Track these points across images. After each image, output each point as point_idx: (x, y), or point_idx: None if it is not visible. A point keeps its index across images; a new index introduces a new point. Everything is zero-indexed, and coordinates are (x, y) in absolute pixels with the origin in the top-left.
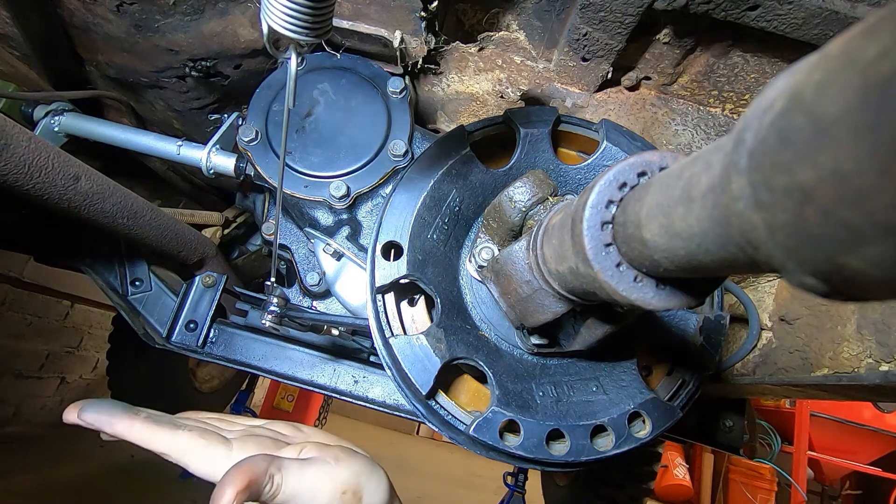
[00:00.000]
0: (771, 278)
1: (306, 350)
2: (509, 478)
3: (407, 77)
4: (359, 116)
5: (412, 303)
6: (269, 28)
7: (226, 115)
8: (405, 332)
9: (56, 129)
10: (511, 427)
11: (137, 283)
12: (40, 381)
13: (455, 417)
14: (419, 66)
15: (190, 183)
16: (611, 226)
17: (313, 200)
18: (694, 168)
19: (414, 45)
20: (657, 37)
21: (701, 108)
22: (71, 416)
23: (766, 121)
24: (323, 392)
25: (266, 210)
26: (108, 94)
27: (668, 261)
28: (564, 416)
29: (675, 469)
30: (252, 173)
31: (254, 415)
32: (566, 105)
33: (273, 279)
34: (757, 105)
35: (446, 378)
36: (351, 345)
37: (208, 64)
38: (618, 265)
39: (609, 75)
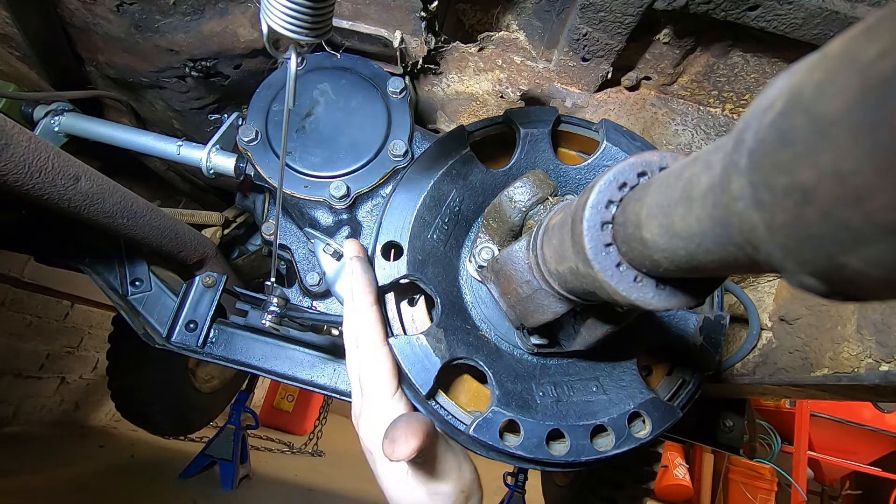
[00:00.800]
0: (771, 278)
1: (306, 350)
2: (509, 478)
3: (407, 77)
4: (359, 116)
5: (412, 303)
6: (269, 28)
7: (226, 115)
8: (405, 332)
9: (56, 129)
10: (511, 427)
11: (137, 283)
12: (40, 381)
13: (455, 417)
14: (419, 66)
15: (190, 183)
16: (611, 226)
17: (313, 200)
18: (694, 168)
19: (414, 45)
20: (657, 37)
21: (701, 108)
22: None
23: (766, 121)
24: (323, 392)
25: (266, 210)
26: (108, 94)
27: (668, 261)
28: (564, 416)
29: (675, 469)
30: (252, 173)
31: (254, 415)
32: (566, 105)
33: (273, 279)
34: (757, 105)
35: (446, 378)
36: None
37: (208, 64)
38: (618, 265)
39: (609, 75)
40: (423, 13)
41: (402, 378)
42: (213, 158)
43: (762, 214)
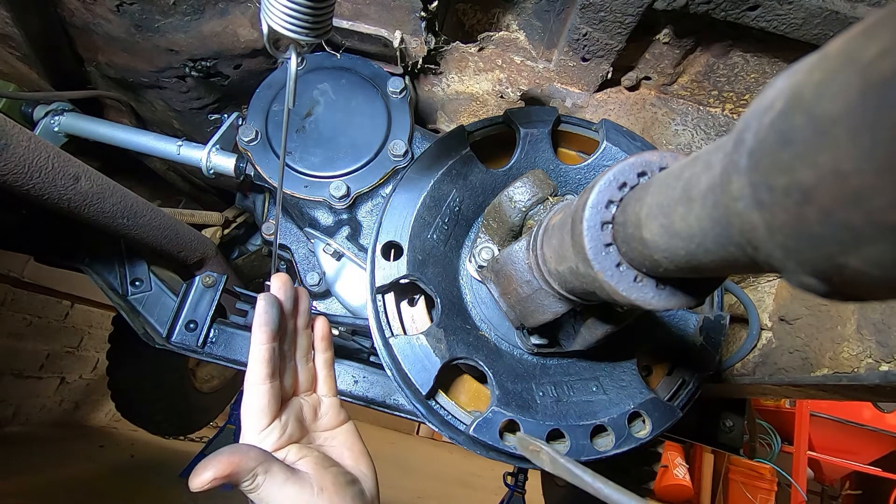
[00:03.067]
0: (771, 278)
1: None
2: (509, 478)
3: (407, 77)
4: (359, 116)
5: (412, 303)
6: (269, 28)
7: (226, 115)
8: (405, 332)
9: (56, 129)
10: (511, 427)
11: (137, 283)
12: (40, 381)
13: (455, 417)
14: (419, 66)
15: (190, 183)
16: (611, 226)
17: (313, 200)
18: (694, 168)
19: (414, 45)
20: (657, 37)
21: (701, 108)
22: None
23: (766, 121)
24: None
25: (266, 210)
26: (108, 94)
27: (668, 261)
28: (564, 416)
29: (675, 469)
30: (252, 173)
31: None
32: (566, 105)
33: None
34: (757, 105)
35: (446, 378)
36: (351, 345)
37: (208, 64)
38: (618, 265)
39: (609, 75)
40: (423, 13)
41: (402, 378)
42: (213, 158)
43: (762, 214)
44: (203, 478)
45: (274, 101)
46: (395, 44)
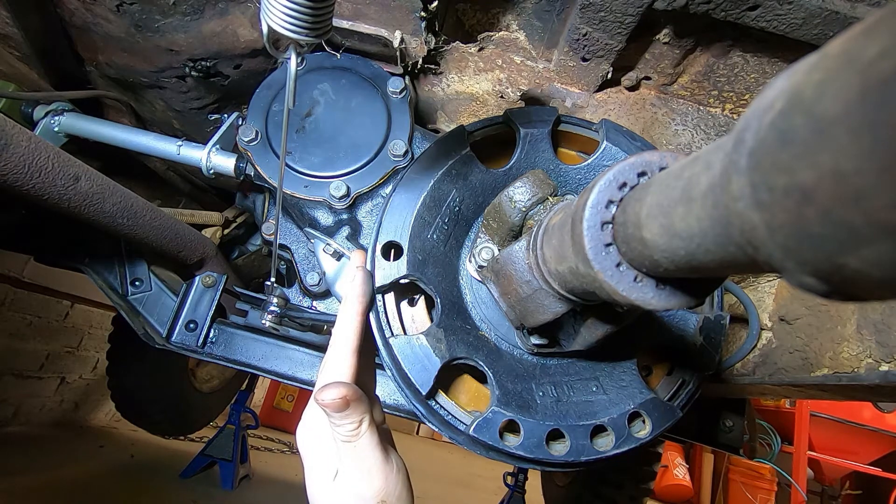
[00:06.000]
0: (771, 278)
1: (306, 350)
2: (509, 478)
3: (407, 77)
4: (359, 116)
5: (412, 303)
6: (269, 28)
7: (226, 115)
8: (405, 332)
9: (56, 129)
10: (511, 427)
11: (137, 283)
12: (40, 381)
13: (455, 417)
14: (419, 66)
15: (190, 183)
16: (611, 226)
17: (313, 200)
18: (694, 168)
19: (414, 45)
20: (657, 37)
21: (701, 108)
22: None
23: (765, 121)
24: None
25: (266, 210)
26: (108, 94)
27: (668, 261)
28: (564, 416)
29: (675, 469)
30: (252, 173)
31: (254, 415)
32: (566, 105)
33: (273, 279)
34: (757, 105)
35: (446, 378)
36: None
37: (208, 64)
38: (618, 265)
39: (609, 75)
40: (423, 13)
41: (402, 378)
42: (213, 158)
43: (762, 214)
44: (335, 392)
45: (274, 101)
46: (395, 44)
